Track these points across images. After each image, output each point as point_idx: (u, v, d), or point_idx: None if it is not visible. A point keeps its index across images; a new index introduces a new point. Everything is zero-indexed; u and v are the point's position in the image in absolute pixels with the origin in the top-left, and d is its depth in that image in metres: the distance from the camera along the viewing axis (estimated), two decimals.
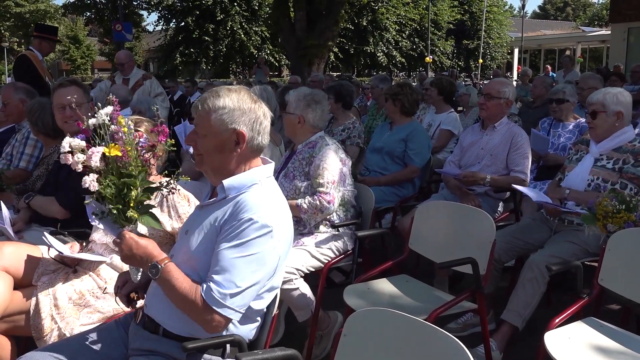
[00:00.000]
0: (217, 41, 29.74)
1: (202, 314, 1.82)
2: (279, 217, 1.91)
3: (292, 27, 17.42)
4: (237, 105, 1.93)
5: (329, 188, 3.16)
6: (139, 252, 1.89)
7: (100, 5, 30.13)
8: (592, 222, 2.84)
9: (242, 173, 1.95)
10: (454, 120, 5.94)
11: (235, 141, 1.93)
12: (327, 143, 3.32)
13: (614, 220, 2.75)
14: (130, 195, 1.85)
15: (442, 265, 2.82)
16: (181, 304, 1.85)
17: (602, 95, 3.30)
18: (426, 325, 1.71)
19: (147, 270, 1.88)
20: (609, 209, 2.76)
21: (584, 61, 34.00)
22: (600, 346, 2.32)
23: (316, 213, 3.16)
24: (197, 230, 1.94)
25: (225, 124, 1.91)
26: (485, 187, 3.87)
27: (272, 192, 1.98)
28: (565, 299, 2.90)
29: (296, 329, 3.22)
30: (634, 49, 19.50)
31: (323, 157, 3.23)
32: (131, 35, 21.20)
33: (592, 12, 65.27)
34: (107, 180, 1.83)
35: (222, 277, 1.81)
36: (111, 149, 1.83)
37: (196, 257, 1.90)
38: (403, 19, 33.05)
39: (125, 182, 1.84)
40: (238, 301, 1.83)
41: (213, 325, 1.84)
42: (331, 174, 3.18)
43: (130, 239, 1.89)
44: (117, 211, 1.86)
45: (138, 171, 1.86)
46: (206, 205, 2.00)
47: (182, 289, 1.83)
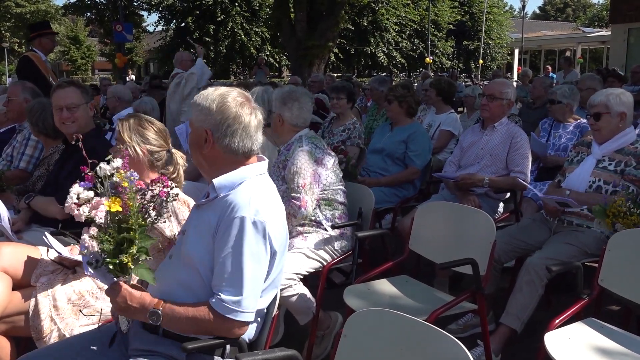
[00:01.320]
0: (217, 42, 29.74)
1: (221, 326, 1.84)
2: (270, 212, 1.92)
3: (293, 28, 17.43)
4: (207, 106, 1.96)
5: (299, 192, 3.14)
6: (133, 304, 1.88)
7: (100, 6, 30.12)
8: (601, 217, 2.84)
9: (232, 172, 1.96)
10: (454, 120, 5.94)
11: (205, 139, 1.96)
12: (300, 145, 3.26)
13: (624, 221, 2.75)
14: (129, 250, 1.83)
15: (442, 265, 2.82)
16: (197, 329, 1.87)
17: (605, 97, 3.28)
18: (426, 326, 1.71)
19: (146, 320, 1.88)
20: (622, 210, 2.76)
21: (584, 62, 33.99)
22: (601, 347, 2.31)
23: (290, 218, 3.13)
24: (193, 230, 1.96)
25: (198, 121, 1.97)
26: (484, 188, 3.87)
27: (262, 187, 1.98)
28: (565, 300, 2.90)
29: (296, 329, 3.22)
30: (634, 50, 19.48)
31: (294, 161, 3.19)
32: (132, 35, 21.18)
33: (592, 13, 65.28)
34: (106, 235, 1.81)
35: (229, 284, 1.82)
36: (112, 204, 1.80)
37: (193, 256, 1.91)
38: (403, 19, 33.05)
39: (124, 238, 1.82)
40: (251, 303, 1.85)
41: (235, 332, 1.87)
42: (302, 178, 3.15)
43: (124, 290, 1.89)
44: (113, 265, 1.83)
45: (138, 225, 1.84)
46: (202, 204, 2.01)
47: (191, 318, 1.84)
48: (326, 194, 3.26)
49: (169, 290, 1.94)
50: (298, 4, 17.23)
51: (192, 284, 1.91)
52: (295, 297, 2.96)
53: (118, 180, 1.84)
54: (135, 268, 1.84)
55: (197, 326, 1.85)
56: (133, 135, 2.57)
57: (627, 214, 2.75)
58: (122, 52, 19.56)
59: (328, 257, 3.21)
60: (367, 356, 1.79)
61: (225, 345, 1.91)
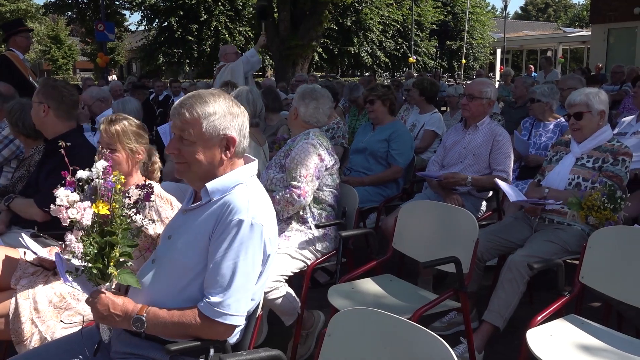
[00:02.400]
0: (200, 41, 29.58)
1: (208, 330, 1.82)
2: (266, 215, 1.92)
3: (276, 28, 17.40)
4: (227, 111, 1.92)
5: (300, 182, 3.15)
6: (116, 311, 1.84)
7: (81, 5, 29.77)
8: (576, 208, 2.88)
9: (225, 175, 1.94)
10: (438, 120, 5.97)
11: (225, 146, 1.92)
12: (307, 138, 3.31)
13: (597, 215, 2.79)
14: (112, 254, 1.80)
15: (426, 264, 2.83)
16: (183, 333, 1.84)
17: (585, 96, 3.33)
18: (410, 324, 1.71)
19: (130, 327, 1.84)
20: (597, 204, 2.80)
21: (565, 62, 34.35)
22: (582, 343, 2.34)
23: (287, 206, 3.16)
24: (183, 235, 1.93)
25: (217, 130, 1.90)
26: (467, 187, 3.89)
27: (257, 190, 1.98)
28: (546, 297, 2.93)
29: (279, 329, 3.22)
30: (614, 50, 19.77)
31: (299, 151, 3.23)
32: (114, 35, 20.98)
33: (572, 13, 66.07)
34: (90, 239, 1.77)
35: (221, 287, 1.80)
36: (99, 206, 1.77)
37: (185, 263, 1.88)
38: (387, 19, 33.13)
39: (107, 241, 1.79)
40: (242, 306, 1.84)
41: (222, 335, 1.86)
42: (304, 168, 3.17)
43: (106, 298, 1.85)
44: (96, 270, 1.80)
45: (122, 229, 1.82)
46: (190, 209, 1.98)
47: (177, 322, 1.82)
48: (318, 193, 3.27)
49: (152, 295, 1.91)
50: (281, 4, 17.20)
51: (179, 289, 1.88)
52: (281, 299, 2.95)
53: (104, 182, 1.81)
54: (119, 274, 1.82)
55: (183, 330, 1.83)
56: (132, 137, 2.61)
57: (601, 209, 2.79)
58: (104, 52, 19.38)
59: (312, 257, 3.21)
60: (351, 355, 1.79)
61: (209, 347, 1.89)
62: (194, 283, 1.87)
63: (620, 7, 18.63)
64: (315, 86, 3.55)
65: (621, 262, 2.53)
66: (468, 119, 4.10)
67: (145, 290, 1.93)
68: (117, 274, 1.81)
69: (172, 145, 1.93)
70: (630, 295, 2.48)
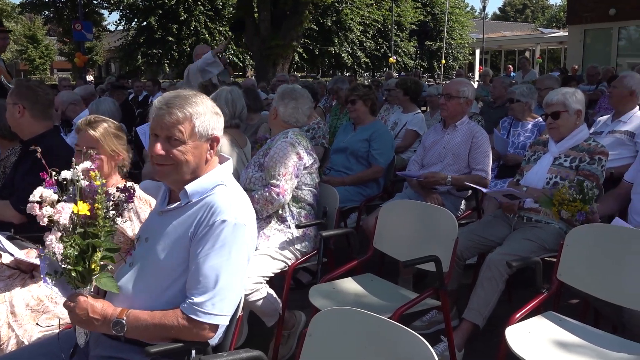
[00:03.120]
0: (180, 41, 29.37)
1: (191, 330, 1.80)
2: (248, 215, 1.91)
3: (257, 28, 17.36)
4: (213, 110, 1.93)
5: (279, 180, 3.16)
6: (95, 315, 1.81)
7: (59, 4, 29.37)
8: (547, 206, 2.93)
9: (204, 176, 1.93)
10: (421, 121, 6.01)
11: (210, 146, 1.93)
12: (285, 137, 3.31)
13: (568, 208, 2.84)
14: (94, 257, 1.77)
15: (406, 263, 2.84)
16: (164, 336, 1.82)
17: (562, 95, 3.37)
18: (390, 323, 1.72)
19: (109, 331, 1.82)
20: (566, 197, 2.85)
21: (543, 62, 34.78)
22: (560, 340, 2.37)
23: (266, 204, 3.17)
24: (160, 237, 1.90)
25: (207, 130, 1.90)
26: (447, 186, 3.92)
27: (237, 191, 1.98)
28: (525, 295, 2.96)
29: (260, 330, 3.21)
30: (590, 50, 20.07)
31: (277, 150, 3.23)
32: (92, 34, 20.72)
33: (550, 14, 66.91)
34: (70, 239, 1.74)
35: (205, 286, 1.79)
36: (80, 206, 1.74)
37: (165, 265, 1.86)
38: (367, 19, 33.24)
39: (89, 244, 1.76)
40: (227, 306, 1.83)
41: (205, 336, 1.83)
42: (283, 167, 3.18)
43: (85, 302, 1.82)
44: (76, 273, 1.77)
45: (105, 231, 1.79)
46: (167, 211, 1.96)
47: (158, 324, 1.80)
48: (297, 192, 3.27)
49: (132, 299, 1.89)
50: (262, 4, 17.18)
51: (160, 292, 1.87)
52: (262, 301, 2.95)
53: (86, 183, 1.79)
54: (98, 278, 1.79)
55: (165, 332, 1.81)
56: (114, 139, 2.60)
57: (571, 201, 2.84)
58: (82, 52, 19.14)
59: (293, 257, 3.21)
60: (333, 355, 1.79)
61: (190, 349, 1.87)
62: (175, 285, 1.86)
63: (596, 9, 18.91)
64: (295, 86, 3.56)
65: (598, 260, 2.56)
66: (446, 118, 4.13)
67: (124, 295, 1.91)
68: (97, 278, 1.79)
69: (159, 146, 1.88)
70: (607, 292, 2.51)
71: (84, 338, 1.93)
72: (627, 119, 4.24)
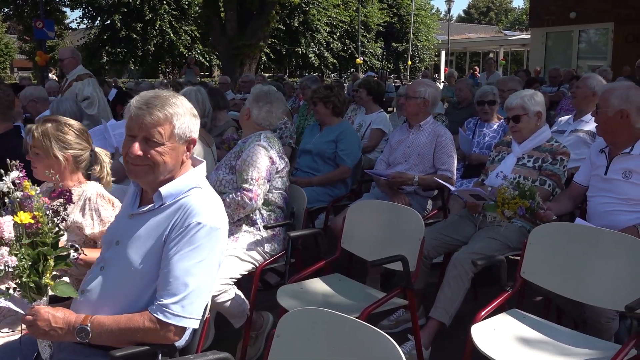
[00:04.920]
0: (145, 40, 28.93)
1: (158, 333, 1.78)
2: (222, 218, 1.90)
3: (223, 27, 17.26)
4: (191, 112, 1.91)
5: (252, 185, 3.13)
6: (58, 325, 1.77)
7: (19, 1, 28.62)
8: (492, 210, 2.99)
9: (178, 178, 1.91)
10: (384, 119, 6.05)
11: (187, 148, 1.91)
12: (258, 140, 3.28)
13: (510, 206, 2.90)
14: (47, 265, 1.72)
15: (373, 263, 2.86)
16: (131, 339, 1.78)
17: (521, 99, 3.44)
18: (358, 323, 1.72)
19: (71, 339, 1.77)
20: (506, 197, 2.91)
21: (506, 64, 35.41)
22: (524, 336, 2.42)
23: (238, 209, 3.14)
24: (132, 240, 1.87)
25: (185, 132, 1.89)
26: (414, 186, 3.96)
27: (211, 193, 1.96)
28: (490, 293, 3.00)
29: (227, 331, 3.19)
30: (552, 52, 20.52)
31: (250, 153, 3.20)
32: (53, 33, 20.24)
33: (513, 17, 68.16)
34: (21, 251, 1.68)
35: (176, 289, 1.76)
36: (21, 216, 1.68)
37: (137, 268, 1.83)
38: (334, 20, 33.31)
39: (40, 252, 1.71)
40: (197, 309, 1.81)
41: (172, 339, 1.81)
42: (256, 171, 3.15)
43: (45, 313, 1.77)
44: (33, 284, 1.71)
45: (52, 238, 1.74)
46: (139, 214, 1.93)
47: (123, 329, 1.77)
48: (267, 195, 3.25)
49: (99, 303, 1.86)
50: (228, 3, 17.07)
51: (129, 294, 1.84)
52: (230, 302, 2.92)
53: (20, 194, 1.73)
54: (55, 286, 1.75)
55: (131, 336, 1.78)
56: (53, 141, 2.45)
57: (510, 199, 2.91)
58: (44, 50, 18.68)
59: (261, 258, 3.19)
60: (300, 355, 1.79)
61: (157, 352, 1.84)
62: (147, 290, 1.83)
63: (557, 12, 19.34)
64: (271, 88, 3.52)
65: (560, 258, 2.61)
66: (408, 118, 4.19)
67: (94, 299, 1.87)
68: (54, 285, 1.75)
69: (137, 146, 1.84)
70: (569, 289, 2.57)
71: (48, 351, 1.86)
72: (588, 119, 4.35)
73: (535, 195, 2.91)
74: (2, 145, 3.01)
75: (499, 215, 2.97)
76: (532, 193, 2.90)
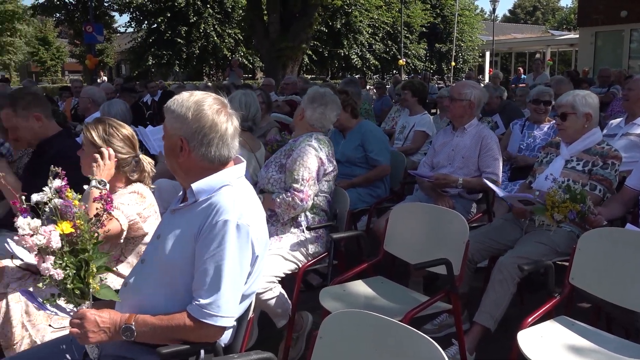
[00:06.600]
0: (190, 43, 29.47)
1: (198, 332, 1.81)
2: (253, 216, 1.90)
3: (266, 30, 17.40)
4: (186, 113, 1.90)
5: (303, 185, 3.14)
6: (105, 326, 1.82)
7: (70, 7, 29.57)
8: (541, 213, 2.92)
9: (210, 176, 1.93)
10: (428, 122, 6.00)
11: (181, 147, 1.92)
12: (309, 140, 3.29)
13: (560, 210, 2.82)
14: (90, 270, 1.77)
15: (417, 266, 2.83)
16: (173, 337, 1.83)
17: (572, 98, 3.37)
18: (401, 326, 1.71)
19: (118, 338, 1.82)
20: (556, 200, 2.84)
21: (553, 64, 34.62)
22: (572, 344, 2.36)
23: (289, 209, 3.15)
24: (170, 235, 1.91)
25: (173, 129, 1.92)
26: (458, 189, 3.90)
27: (244, 191, 1.97)
28: (537, 298, 2.94)
29: (269, 332, 3.21)
30: (601, 52, 19.96)
31: (301, 152, 3.21)
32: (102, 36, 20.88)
33: (560, 16, 66.53)
34: (64, 260, 1.73)
35: (209, 288, 1.79)
36: (63, 226, 1.73)
37: (172, 262, 1.87)
38: (376, 22, 33.22)
39: (82, 259, 1.76)
40: (231, 308, 1.83)
41: (212, 338, 1.85)
42: (307, 171, 3.16)
43: (92, 315, 1.82)
44: (79, 290, 1.77)
45: (92, 244, 1.79)
46: (177, 209, 1.98)
47: (166, 327, 1.81)
48: (314, 199, 3.26)
49: (141, 299, 1.90)
50: (271, 6, 17.20)
51: (169, 290, 1.88)
52: (274, 300, 2.95)
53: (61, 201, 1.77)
54: (97, 290, 1.80)
55: (173, 335, 1.82)
56: (100, 142, 2.55)
57: (561, 202, 2.83)
58: (93, 54, 19.30)
59: (303, 259, 3.20)
60: (343, 357, 1.79)
61: (200, 350, 1.88)
62: (181, 283, 1.86)
63: (607, 11, 18.81)
64: (327, 91, 3.52)
65: (610, 264, 2.54)
66: (452, 120, 4.13)
67: (134, 292, 1.93)
68: (97, 290, 1.80)
69: None
70: (620, 296, 2.49)
71: (96, 351, 1.91)
72: None
73: (586, 199, 2.83)
74: (54, 146, 3.11)
75: (548, 219, 2.90)
76: (583, 197, 2.82)
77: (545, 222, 2.96)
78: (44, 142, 3.14)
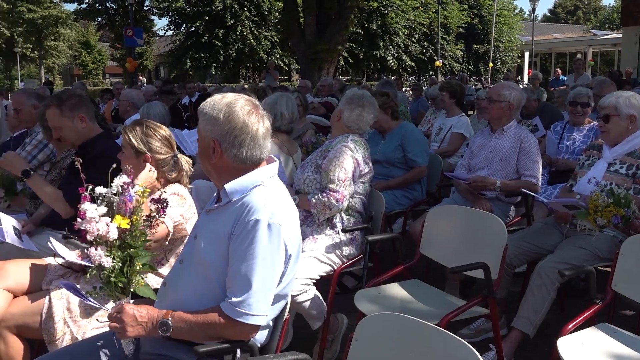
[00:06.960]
0: (227, 46, 29.80)
1: (231, 330, 1.84)
2: (285, 216, 1.92)
3: (302, 32, 17.49)
4: (217, 115, 1.92)
5: (339, 186, 3.14)
6: (143, 320, 1.86)
7: (111, 11, 30.31)
8: (584, 217, 2.85)
9: (243, 176, 1.95)
10: (466, 123, 5.93)
11: (213, 149, 1.94)
12: (345, 141, 3.30)
13: (603, 214, 2.75)
14: (134, 266, 1.83)
15: (454, 270, 2.80)
16: (208, 335, 1.86)
17: (615, 99, 3.28)
18: (438, 330, 1.70)
19: (155, 333, 1.86)
20: (599, 204, 2.77)
21: (595, 65, 33.79)
22: (615, 352, 2.29)
23: (324, 210, 3.16)
24: (205, 235, 1.95)
25: (205, 131, 1.95)
26: (496, 191, 3.84)
27: (276, 191, 1.98)
28: (578, 304, 2.87)
29: (304, 333, 3.22)
30: None
31: (337, 153, 3.22)
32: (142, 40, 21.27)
33: (603, 16, 64.88)
34: (112, 253, 1.78)
35: (241, 287, 1.82)
36: (121, 220, 1.79)
37: (207, 262, 1.90)
38: (412, 23, 32.96)
39: (128, 255, 1.81)
40: (263, 306, 1.85)
41: (245, 336, 1.87)
42: (343, 171, 3.17)
43: (131, 309, 1.87)
44: (121, 284, 1.82)
45: (140, 241, 1.84)
46: (212, 209, 2.01)
47: (201, 324, 1.84)
48: (349, 201, 3.26)
49: (179, 298, 1.94)
50: (307, 8, 17.28)
51: (205, 289, 1.91)
52: (309, 302, 2.96)
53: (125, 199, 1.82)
54: (137, 286, 1.85)
55: (208, 332, 1.85)
56: (140, 144, 2.62)
57: (604, 207, 2.75)
58: (133, 57, 19.70)
59: (339, 261, 3.20)
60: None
61: (236, 349, 1.90)
62: (217, 282, 1.89)
63: None
64: (365, 93, 3.52)
65: None
66: (490, 122, 4.07)
67: (173, 291, 1.97)
68: (137, 286, 1.84)
69: None
70: None
71: (131, 347, 1.96)
72: None
73: (631, 204, 2.75)
74: (95, 148, 3.18)
75: (590, 223, 2.83)
76: (628, 201, 2.75)
77: (587, 226, 2.88)
78: (86, 143, 3.22)
